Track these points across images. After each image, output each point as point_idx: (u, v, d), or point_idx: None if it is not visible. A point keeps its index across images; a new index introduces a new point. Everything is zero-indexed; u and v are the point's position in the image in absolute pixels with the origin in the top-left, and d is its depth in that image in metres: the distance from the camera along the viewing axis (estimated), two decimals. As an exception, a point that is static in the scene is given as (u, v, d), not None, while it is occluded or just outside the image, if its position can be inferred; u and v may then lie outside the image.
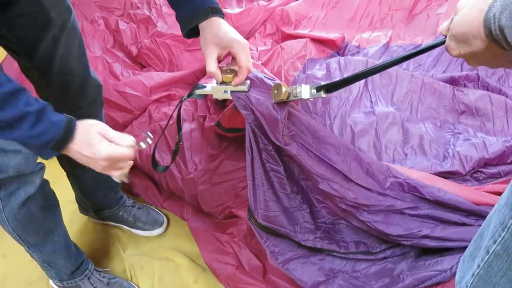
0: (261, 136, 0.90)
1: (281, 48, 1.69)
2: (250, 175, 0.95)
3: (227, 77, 0.85)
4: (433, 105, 1.44)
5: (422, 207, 0.99)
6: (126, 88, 1.61)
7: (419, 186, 0.99)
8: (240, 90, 0.88)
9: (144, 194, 1.50)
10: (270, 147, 0.91)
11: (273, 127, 0.87)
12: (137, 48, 1.89)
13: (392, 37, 1.87)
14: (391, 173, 1.00)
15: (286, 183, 0.96)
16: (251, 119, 0.88)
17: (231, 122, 1.23)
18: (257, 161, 0.93)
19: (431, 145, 1.30)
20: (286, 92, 0.83)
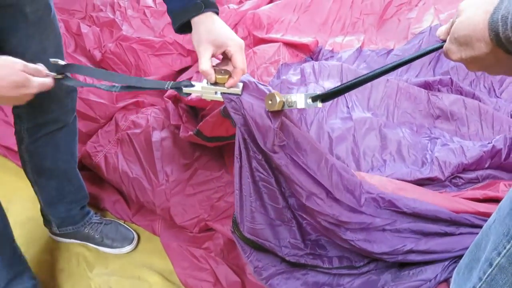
0: (251, 143, 0.87)
1: (253, 52, 1.67)
2: (237, 184, 0.91)
3: (222, 77, 0.81)
4: (409, 110, 1.45)
5: (401, 221, 0.98)
6: (90, 95, 1.56)
7: (394, 199, 0.99)
8: (233, 93, 0.84)
9: (112, 209, 1.45)
10: (259, 156, 0.88)
11: (264, 135, 0.84)
12: (101, 53, 1.82)
13: (365, 42, 1.88)
14: (363, 188, 0.99)
15: (278, 196, 0.93)
16: (241, 123, 0.85)
17: (214, 130, 1.18)
18: (246, 169, 0.89)
19: (409, 150, 1.30)
20: (280, 102, 0.80)
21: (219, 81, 0.82)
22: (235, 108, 0.84)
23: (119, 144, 1.47)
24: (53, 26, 0.95)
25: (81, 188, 1.29)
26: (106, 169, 1.43)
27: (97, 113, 1.53)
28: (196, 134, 1.23)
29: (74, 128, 1.19)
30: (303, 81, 1.50)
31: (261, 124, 0.83)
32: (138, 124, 1.49)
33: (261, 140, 0.84)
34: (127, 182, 1.39)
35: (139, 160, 1.42)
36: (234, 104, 0.84)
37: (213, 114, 1.10)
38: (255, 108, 0.83)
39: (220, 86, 0.83)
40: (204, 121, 1.15)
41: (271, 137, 0.84)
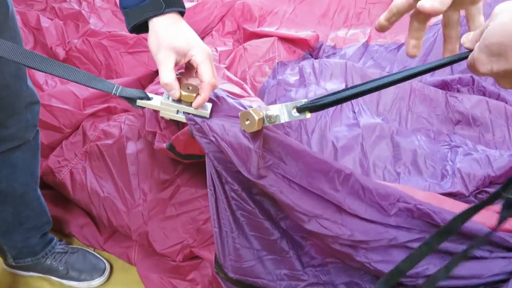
0: (223, 172, 0.85)
1: (244, 49, 1.67)
2: (215, 221, 0.89)
3: (188, 95, 0.78)
4: (425, 114, 1.46)
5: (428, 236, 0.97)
6: (52, 100, 1.53)
7: (433, 212, 0.97)
8: (200, 115, 0.82)
9: (79, 234, 1.43)
10: (236, 186, 0.86)
11: (245, 159, 0.81)
12: (64, 50, 1.81)
13: (372, 35, 1.90)
14: (400, 197, 0.98)
15: (268, 227, 0.91)
16: (211, 149, 0.83)
17: (187, 148, 1.16)
18: (223, 201, 0.88)
19: (426, 161, 1.30)
20: (259, 120, 0.77)
21: (185, 99, 0.79)
22: (201, 132, 0.83)
23: (87, 158, 1.45)
24: (10, 27, 0.93)
25: (42, 213, 1.27)
26: (72, 187, 1.41)
27: (61, 122, 1.51)
28: (169, 148, 1.22)
29: (36, 145, 1.17)
30: (302, 81, 1.51)
31: (238, 147, 0.80)
32: (109, 133, 1.48)
33: (242, 167, 0.82)
34: (97, 203, 1.38)
35: (111, 176, 1.41)
36: (198, 127, 0.82)
37: (184, 131, 1.08)
38: (228, 129, 0.81)
39: (185, 104, 0.80)
40: (175, 137, 1.13)
41: (254, 160, 0.81)
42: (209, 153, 0.83)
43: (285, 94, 1.48)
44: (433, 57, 1.74)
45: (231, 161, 0.82)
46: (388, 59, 1.79)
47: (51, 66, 0.73)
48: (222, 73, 1.45)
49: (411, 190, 1.07)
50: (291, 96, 1.47)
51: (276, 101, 1.48)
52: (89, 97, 1.56)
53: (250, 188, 0.88)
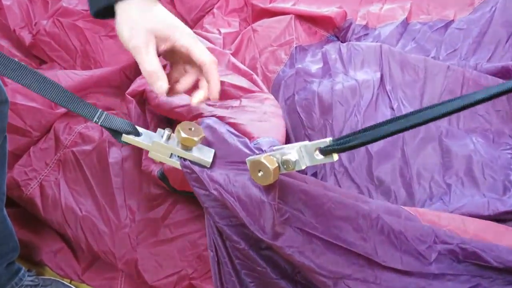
0: (224, 228, 0.86)
1: (253, 30, 1.68)
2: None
3: (188, 139, 0.79)
4: (481, 111, 1.45)
5: (485, 282, 0.97)
6: (16, 96, 1.55)
7: (480, 249, 0.97)
8: (199, 163, 0.83)
9: (52, 263, 1.44)
10: (242, 245, 0.87)
11: (257, 216, 0.82)
12: (31, 34, 1.83)
13: (412, 10, 1.89)
14: (437, 237, 0.98)
15: (285, 286, 0.92)
16: (211, 203, 0.84)
17: (185, 185, 1.17)
18: (226, 265, 0.89)
19: (484, 170, 1.30)
20: (275, 170, 0.76)
21: (184, 142, 0.80)
22: (199, 182, 0.84)
23: (61, 168, 1.47)
24: None
25: (8, 237, 1.28)
26: (43, 204, 1.42)
27: (27, 123, 1.53)
28: (160, 177, 1.23)
29: (3, 154, 1.18)
30: (327, 70, 1.51)
31: (248, 201, 0.81)
32: (88, 137, 1.49)
33: (254, 225, 0.82)
34: (73, 224, 1.38)
35: (91, 190, 1.42)
36: (197, 178, 0.83)
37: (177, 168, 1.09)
38: (233, 178, 0.82)
39: (182, 148, 0.82)
40: (169, 167, 1.14)
41: (269, 216, 0.82)
42: (208, 208, 0.85)
43: (305, 86, 1.48)
44: (491, 38, 1.74)
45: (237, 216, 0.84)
46: (434, 40, 1.78)
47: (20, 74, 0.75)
48: (226, 60, 1.46)
49: (459, 221, 1.06)
50: (313, 89, 1.47)
51: (294, 95, 1.48)
52: (63, 92, 1.57)
53: (258, 243, 0.89)
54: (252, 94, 1.32)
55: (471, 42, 1.74)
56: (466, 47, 1.73)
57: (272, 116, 1.23)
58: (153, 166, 1.28)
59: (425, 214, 1.06)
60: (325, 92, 1.47)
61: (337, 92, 1.47)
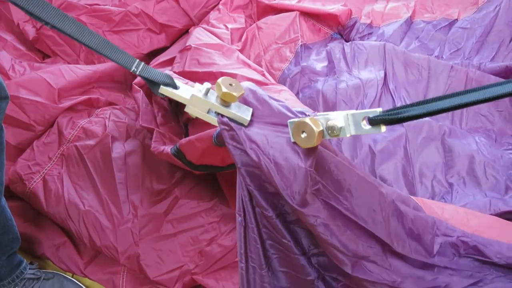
0: (256, 193, 0.85)
1: (258, 27, 1.69)
2: (242, 255, 0.90)
3: (229, 94, 0.78)
4: (484, 111, 1.47)
5: (487, 279, 0.98)
6: (20, 91, 1.55)
7: (482, 244, 0.98)
8: (237, 120, 0.81)
9: (54, 257, 1.44)
10: (270, 212, 0.86)
11: (291, 181, 0.80)
12: (34, 28, 1.84)
13: (416, 9, 1.91)
14: (438, 229, 0.99)
15: (305, 264, 0.91)
16: (245, 163, 0.82)
17: (204, 158, 1.16)
18: (253, 231, 0.88)
19: (486, 170, 1.31)
20: (319, 133, 0.75)
21: (224, 97, 0.78)
22: (235, 141, 0.82)
23: (64, 162, 1.47)
24: None
25: (9, 229, 1.28)
26: (46, 199, 1.42)
27: (31, 117, 1.53)
28: (175, 154, 1.22)
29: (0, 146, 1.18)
30: (332, 68, 1.52)
31: (284, 165, 0.79)
32: (91, 132, 1.50)
33: (286, 190, 0.80)
34: (76, 218, 1.39)
35: (94, 185, 1.43)
36: (234, 135, 0.82)
37: (201, 137, 1.07)
38: (272, 140, 0.80)
39: (222, 103, 0.80)
40: (188, 141, 1.13)
41: (302, 183, 0.80)
42: (241, 168, 0.83)
43: (310, 85, 1.49)
44: (494, 37, 1.75)
45: (269, 181, 0.82)
46: (438, 39, 1.79)
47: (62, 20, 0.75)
48: (235, 57, 1.46)
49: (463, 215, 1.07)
50: (317, 88, 1.48)
51: (298, 94, 1.49)
52: (66, 86, 1.58)
53: (285, 215, 0.88)
54: (267, 86, 1.33)
55: (474, 42, 1.75)
56: (469, 46, 1.75)
57: (294, 102, 1.23)
58: (164, 146, 1.28)
59: (430, 206, 1.08)
60: (329, 90, 1.48)
61: (341, 91, 1.48)
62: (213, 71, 1.41)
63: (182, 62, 1.51)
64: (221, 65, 1.42)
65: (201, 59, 1.46)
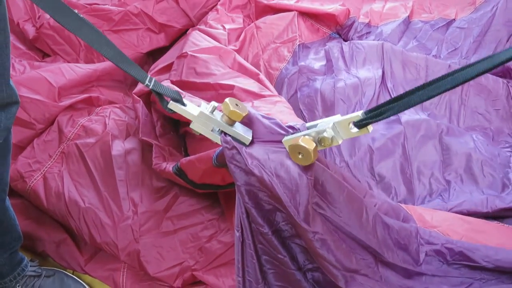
0: (252, 210, 0.87)
1: (256, 27, 1.70)
2: (239, 269, 0.92)
3: (235, 113, 0.81)
4: (481, 109, 1.49)
5: (477, 283, 0.99)
6: (21, 89, 1.56)
7: (467, 250, 1.00)
8: (240, 140, 0.84)
9: (55, 254, 1.45)
10: (265, 229, 0.88)
11: (294, 190, 0.83)
12: (34, 27, 1.85)
13: (414, 9, 1.92)
14: (421, 238, 1.00)
15: (300, 279, 0.93)
16: (244, 181, 0.85)
17: (205, 178, 1.18)
18: (250, 247, 0.90)
19: (483, 168, 1.33)
20: (314, 150, 0.78)
21: (232, 116, 0.81)
22: (236, 160, 0.84)
23: (64, 160, 1.48)
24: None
25: (11, 228, 1.28)
26: (46, 196, 1.43)
27: (31, 115, 1.54)
28: (177, 173, 1.24)
29: (6, 146, 1.18)
30: (330, 67, 1.53)
31: (286, 177, 0.82)
32: (91, 130, 1.51)
33: (289, 202, 0.83)
34: (76, 215, 1.40)
35: (94, 182, 1.43)
36: (235, 154, 0.84)
37: (201, 157, 1.09)
38: (272, 156, 0.83)
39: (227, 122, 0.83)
40: (188, 161, 1.15)
41: (305, 193, 0.82)
42: (241, 187, 0.85)
43: (308, 84, 1.50)
44: (492, 37, 1.77)
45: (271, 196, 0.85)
46: (435, 39, 1.81)
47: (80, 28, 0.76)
48: (232, 59, 1.47)
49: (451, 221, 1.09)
50: (315, 87, 1.49)
51: (296, 93, 1.50)
52: (66, 85, 1.59)
53: (280, 232, 0.91)
54: (263, 98, 1.34)
55: (472, 41, 1.77)
56: (467, 46, 1.76)
57: (288, 114, 1.25)
58: (165, 163, 1.30)
59: (420, 213, 1.09)
60: (327, 89, 1.50)
61: (339, 89, 1.49)
62: (210, 83, 1.43)
63: (179, 70, 1.52)
64: (218, 75, 1.44)
65: (197, 68, 1.48)
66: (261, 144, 0.85)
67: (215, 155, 1.02)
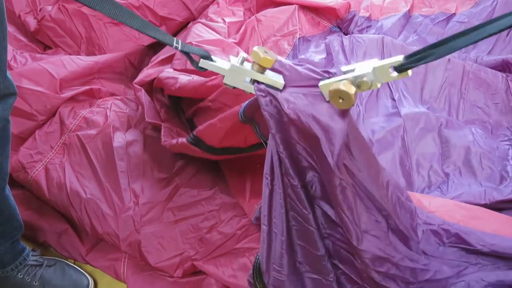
0: (285, 160, 0.87)
1: (257, 20, 1.71)
2: (265, 217, 0.92)
3: (266, 59, 0.80)
4: (480, 103, 1.50)
5: (472, 268, 1.00)
6: (22, 81, 1.57)
7: (463, 232, 1.01)
8: (273, 85, 0.83)
9: (56, 244, 1.46)
10: (295, 181, 0.88)
11: (330, 134, 0.82)
12: (36, 20, 1.85)
13: (415, 3, 1.93)
14: (418, 217, 1.02)
15: (317, 239, 0.94)
16: (278, 128, 0.84)
17: (227, 139, 1.16)
18: (280, 196, 0.90)
19: (481, 160, 1.34)
20: (355, 94, 0.77)
21: (262, 63, 0.81)
22: (271, 106, 0.83)
23: (65, 151, 1.49)
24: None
25: (12, 217, 1.29)
26: (48, 186, 1.44)
27: (33, 107, 1.55)
28: (192, 142, 1.22)
29: (5, 136, 1.19)
30: (330, 60, 1.55)
31: (324, 121, 0.81)
32: (92, 122, 1.52)
33: (325, 142, 0.82)
34: (78, 206, 1.41)
35: (95, 173, 1.44)
36: (270, 100, 0.83)
37: (225, 116, 1.08)
38: (307, 99, 0.82)
39: (258, 70, 0.83)
40: (208, 125, 1.14)
41: (340, 139, 0.81)
42: (275, 134, 0.85)
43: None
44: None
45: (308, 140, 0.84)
46: (435, 33, 1.82)
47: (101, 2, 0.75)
48: (235, 53, 1.47)
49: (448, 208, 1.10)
50: (316, 79, 1.51)
51: (297, 85, 1.51)
52: (68, 76, 1.60)
53: (307, 188, 0.91)
54: None
55: (472, 36, 1.77)
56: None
57: None
58: (171, 138, 1.31)
59: (418, 199, 1.11)
60: (327, 82, 1.51)
61: (339, 82, 1.50)
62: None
63: (183, 59, 1.52)
64: None
65: None
66: (295, 89, 0.83)
67: (242, 109, 1.01)
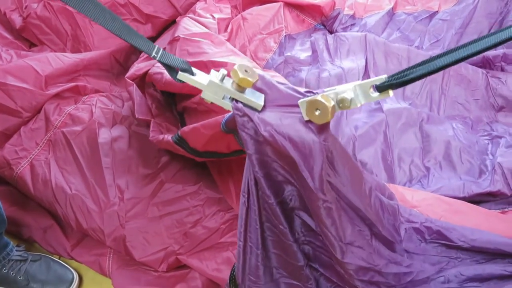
0: (261, 180, 0.87)
1: (243, 18, 1.72)
2: (241, 234, 0.93)
3: (245, 79, 0.79)
4: (461, 99, 1.52)
5: (452, 262, 1.02)
6: (7, 77, 1.56)
7: (445, 229, 1.03)
8: (251, 106, 0.83)
9: (41, 239, 1.46)
10: (271, 200, 0.89)
11: (308, 155, 0.82)
12: (21, 17, 1.85)
13: (398, 1, 1.95)
14: (401, 215, 1.03)
15: (296, 250, 0.95)
16: (254, 149, 0.84)
17: (209, 145, 1.16)
18: (255, 213, 0.91)
19: (461, 155, 1.36)
20: (333, 108, 0.76)
21: (241, 83, 0.79)
22: (247, 127, 0.83)
23: (51, 148, 1.50)
24: None
25: (-4, 212, 1.30)
26: (33, 183, 1.45)
27: (18, 104, 1.54)
28: (176, 142, 1.23)
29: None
30: (315, 58, 1.56)
31: (300, 142, 0.81)
32: (78, 118, 1.53)
33: (303, 166, 0.82)
34: (63, 201, 1.42)
35: (81, 169, 1.45)
36: (247, 121, 0.83)
37: (208, 124, 1.07)
38: (285, 121, 0.81)
39: (237, 89, 0.81)
40: (192, 128, 1.14)
41: (319, 157, 0.81)
42: (252, 155, 0.85)
43: (293, 74, 1.53)
44: (473, 28, 1.80)
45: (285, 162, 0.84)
46: (418, 30, 1.84)
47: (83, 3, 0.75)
48: (225, 47, 1.49)
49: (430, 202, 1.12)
50: (301, 77, 1.52)
51: (282, 82, 1.53)
52: (53, 73, 1.60)
53: (285, 203, 0.92)
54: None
55: (454, 33, 1.80)
56: (449, 38, 1.80)
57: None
58: (163, 135, 1.30)
59: (401, 192, 1.13)
60: (312, 79, 1.52)
61: (324, 79, 1.52)
62: (203, 60, 1.41)
63: (172, 53, 1.51)
64: (211, 53, 1.43)
65: (190, 49, 1.48)
66: (274, 109, 0.83)
67: (224, 120, 1.01)
